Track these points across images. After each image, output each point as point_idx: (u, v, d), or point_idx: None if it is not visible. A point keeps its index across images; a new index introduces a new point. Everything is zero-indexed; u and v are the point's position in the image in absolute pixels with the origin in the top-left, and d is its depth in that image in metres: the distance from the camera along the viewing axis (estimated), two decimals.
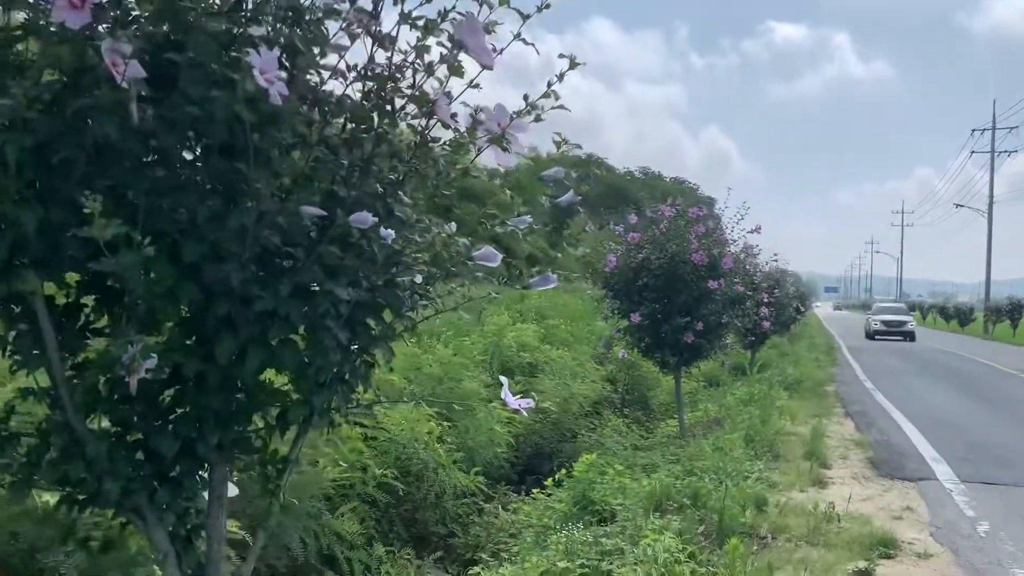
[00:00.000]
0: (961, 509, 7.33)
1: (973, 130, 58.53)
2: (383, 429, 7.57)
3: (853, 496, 7.46)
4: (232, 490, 2.51)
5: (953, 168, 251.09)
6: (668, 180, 62.39)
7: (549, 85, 2.43)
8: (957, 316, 59.75)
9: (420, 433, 7.62)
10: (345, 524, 6.30)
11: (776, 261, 10.87)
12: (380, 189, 2.32)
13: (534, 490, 8.43)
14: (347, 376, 2.39)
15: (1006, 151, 56.98)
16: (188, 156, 2.16)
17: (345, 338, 2.21)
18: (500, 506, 8.23)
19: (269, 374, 2.46)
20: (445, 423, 8.28)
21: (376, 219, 2.13)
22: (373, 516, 6.96)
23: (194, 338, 2.28)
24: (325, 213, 2.15)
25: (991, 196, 55.14)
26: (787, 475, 8.34)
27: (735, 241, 10.74)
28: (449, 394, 9.01)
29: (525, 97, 2.45)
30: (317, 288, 2.18)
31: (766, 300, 11.07)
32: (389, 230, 2.15)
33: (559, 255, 31.55)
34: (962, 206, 61.58)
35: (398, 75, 2.38)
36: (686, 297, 10.19)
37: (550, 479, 7.98)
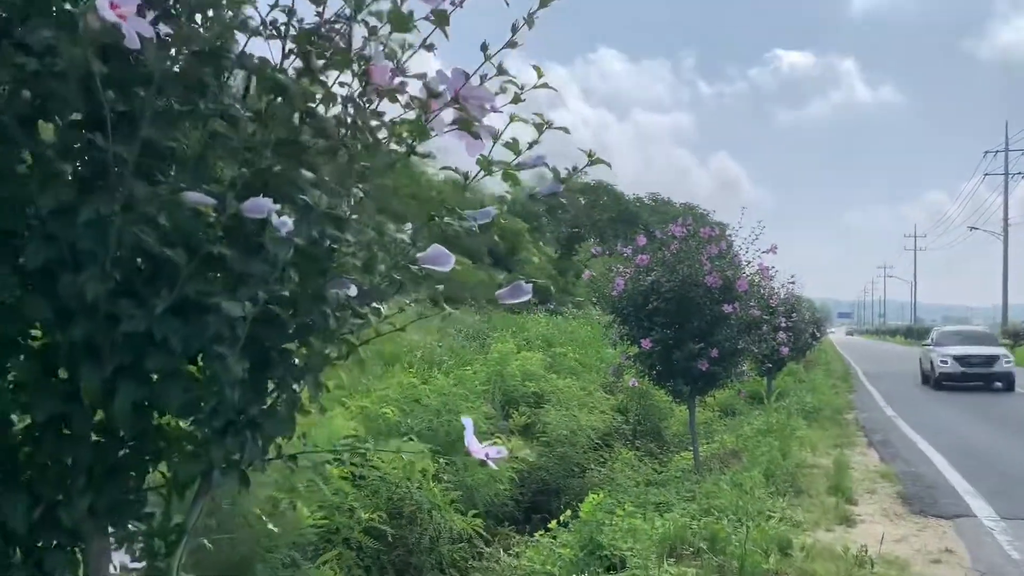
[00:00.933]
0: (1005, 550, 6.67)
1: (986, 152, 57.98)
2: (373, 467, 6.99)
3: (886, 536, 6.80)
4: (117, 566, 1.93)
5: (965, 192, 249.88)
6: (678, 205, 61.96)
7: (515, 31, 1.89)
8: None
9: (413, 472, 7.02)
10: (326, 574, 5.70)
11: (792, 283, 10.29)
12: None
13: (538, 532, 7.80)
14: (257, 419, 1.81)
15: (1020, 172, 56.23)
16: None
17: (242, 369, 1.64)
18: (501, 549, 7.60)
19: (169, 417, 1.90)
20: (442, 460, 7.68)
21: (277, 206, 1.57)
22: (361, 563, 6.35)
23: (50, 371, 1.72)
24: (215, 201, 1.60)
25: (1006, 218, 54.42)
26: (811, 512, 7.70)
27: (749, 263, 10.15)
28: (447, 428, 8.43)
29: (483, 49, 1.90)
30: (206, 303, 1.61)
31: (783, 324, 10.47)
32: (284, 218, 1.58)
33: (570, 282, 30.99)
34: (976, 228, 60.81)
35: (329, 33, 1.85)
36: (699, 322, 9.60)
37: (555, 521, 7.36)
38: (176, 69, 1.64)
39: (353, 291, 1.87)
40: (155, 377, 1.69)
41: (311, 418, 2.20)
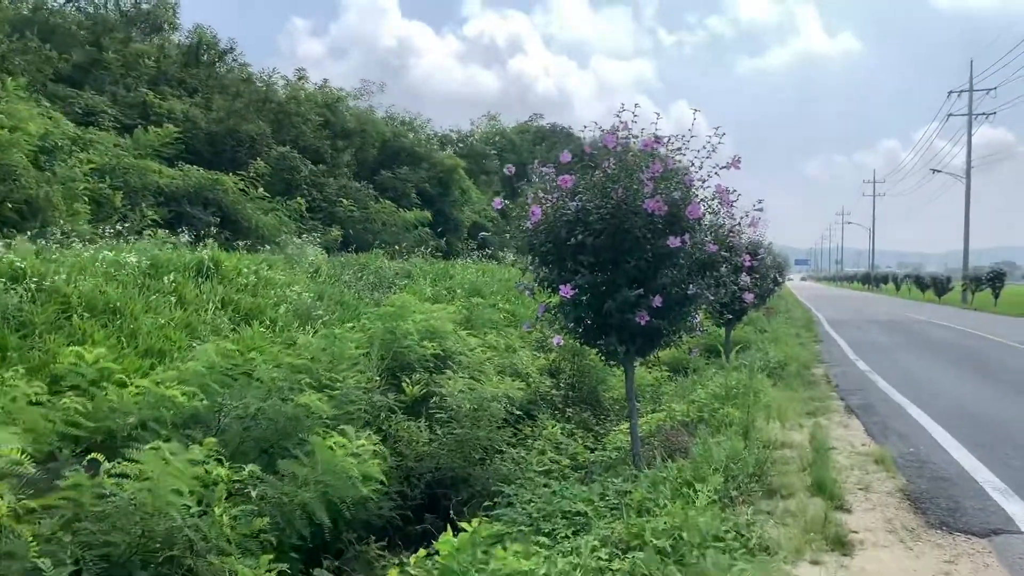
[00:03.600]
0: None
1: (950, 92, 55.71)
2: (119, 482, 4.45)
3: (903, 572, 4.43)
4: None
5: (924, 137, 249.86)
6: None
7: None
8: (934, 286, 57.24)
9: (185, 485, 4.48)
10: None
11: (760, 210, 7.83)
12: None
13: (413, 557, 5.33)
14: None
15: (984, 113, 54.24)
16: None
17: None
18: None
19: None
20: (252, 465, 5.14)
21: None
22: None
23: None
24: None
25: (968, 159, 52.49)
26: (789, 527, 5.32)
27: (704, 182, 7.58)
28: (275, 414, 5.88)
29: None
30: None
31: (748, 264, 8.00)
32: None
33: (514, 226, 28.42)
34: (939, 171, 58.91)
35: None
36: (637, 261, 7.15)
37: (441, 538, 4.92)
38: None
39: None
40: None
41: None
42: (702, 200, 7.55)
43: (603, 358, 8.25)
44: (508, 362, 10.53)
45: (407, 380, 8.59)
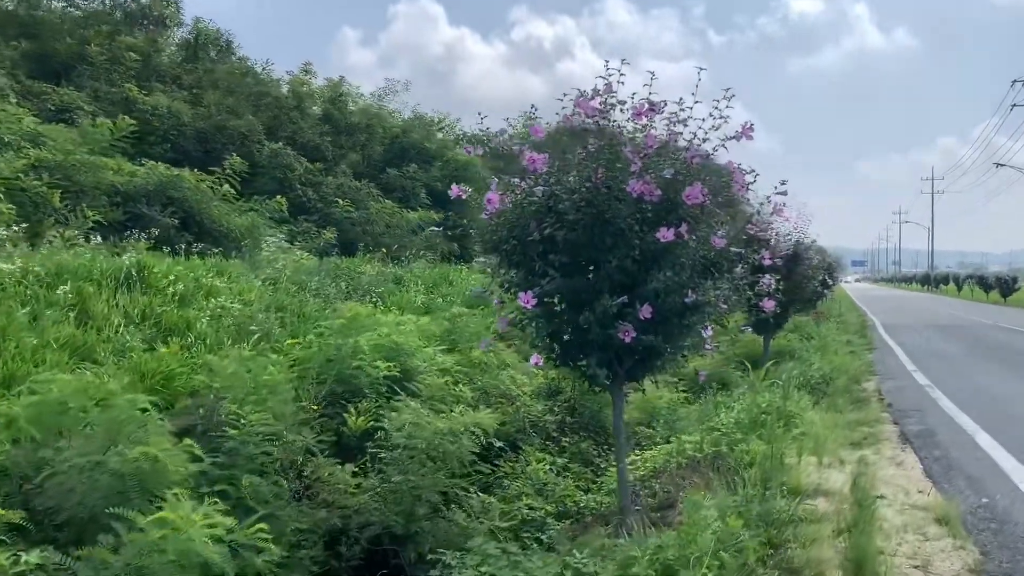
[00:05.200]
0: None
1: (1014, 81, 52.87)
2: None
3: None
4: None
5: (983, 133, 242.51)
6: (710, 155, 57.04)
7: None
8: (999, 286, 54.33)
9: None
10: None
11: (784, 194, 6.19)
12: None
13: None
14: None
15: None
16: None
17: None
18: None
19: None
20: (41, 552, 3.70)
21: None
22: None
23: None
24: None
25: None
26: None
27: (710, 155, 5.96)
28: (117, 469, 4.46)
29: None
30: None
31: (768, 261, 6.31)
32: None
33: None
34: (1003, 165, 56.06)
35: None
36: (621, 260, 5.65)
37: None
38: None
39: None
40: None
41: None
42: (706, 180, 5.97)
43: (586, 383, 6.73)
44: (492, 383, 9.02)
45: (353, 409, 7.14)
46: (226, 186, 14.74)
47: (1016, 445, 7.92)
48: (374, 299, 11.07)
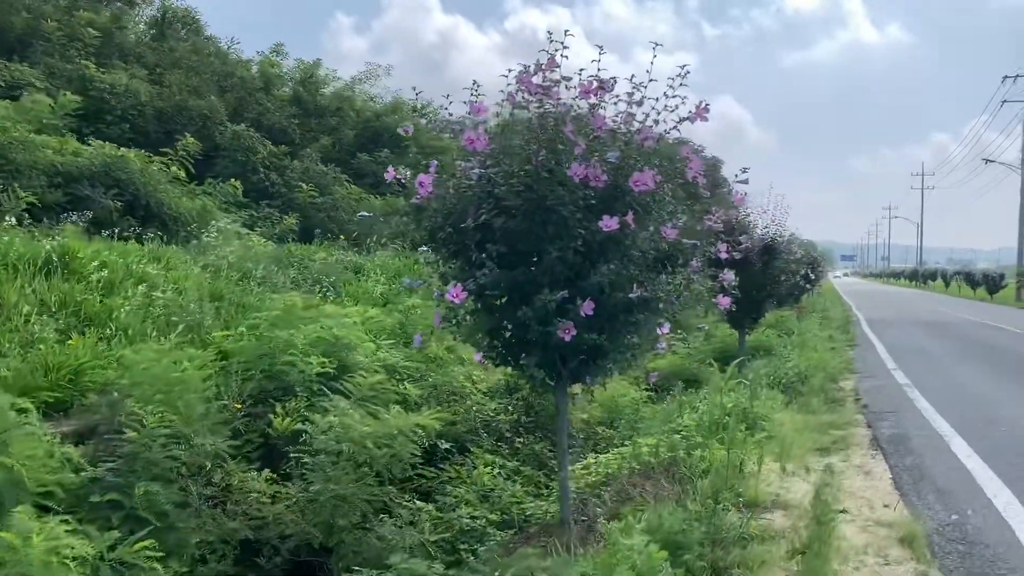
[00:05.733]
0: None
1: (1004, 77, 52.46)
2: None
3: None
4: None
5: (973, 130, 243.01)
6: (671, 142, 56.10)
7: None
8: (985, 283, 54.15)
9: None
10: None
11: (745, 182, 5.64)
12: None
13: None
14: None
15: None
16: None
17: None
18: None
19: None
20: None
21: None
22: None
23: None
24: None
25: None
26: None
27: (662, 137, 5.46)
28: None
29: None
30: None
31: (724, 254, 5.76)
32: None
33: None
34: (992, 161, 55.76)
35: None
36: (562, 251, 5.18)
37: None
38: None
39: None
40: None
41: None
42: (659, 165, 5.49)
43: (529, 383, 6.28)
44: (445, 380, 8.55)
45: (280, 409, 6.65)
46: (174, 167, 14.13)
47: (993, 453, 7.50)
48: (324, 289, 10.56)
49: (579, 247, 5.18)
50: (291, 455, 5.97)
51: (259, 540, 5.46)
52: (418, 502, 6.56)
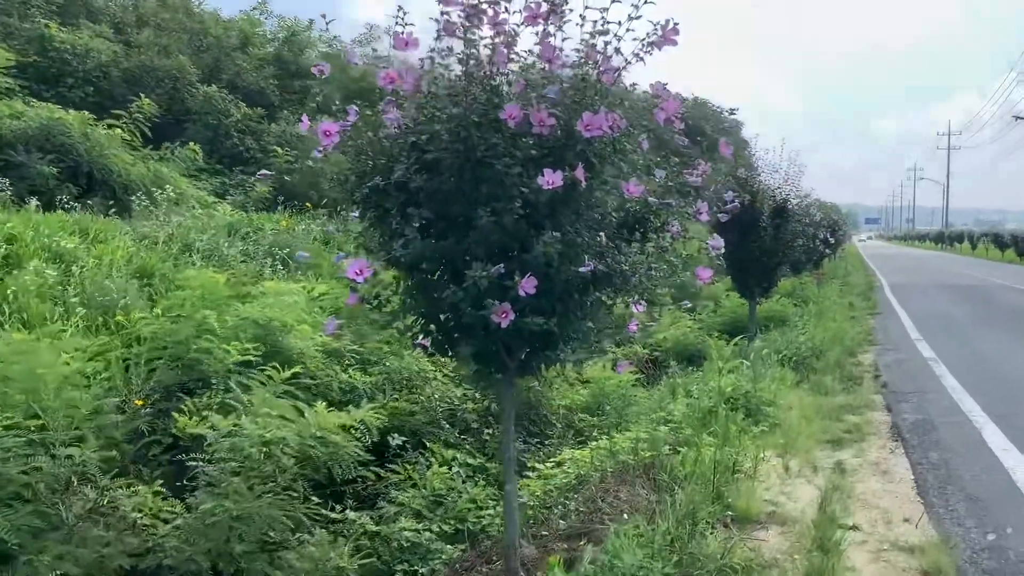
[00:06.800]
0: None
1: None
2: None
3: None
4: None
5: (1001, 87, 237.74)
6: (690, 100, 53.96)
7: None
8: (1014, 244, 52.62)
9: None
10: None
11: (734, 115, 4.72)
12: None
13: None
14: None
15: None
16: None
17: None
18: None
19: None
20: None
21: None
22: None
23: None
24: None
25: None
26: None
27: (624, 68, 4.40)
28: None
29: None
30: None
31: (704, 216, 4.71)
32: None
33: None
34: (1022, 118, 53.91)
35: None
36: (498, 215, 4.17)
37: None
38: None
39: None
40: None
41: None
42: (621, 104, 4.45)
43: (472, 375, 5.28)
44: (403, 365, 7.60)
45: (189, 405, 5.70)
46: (118, 130, 13.12)
47: None
48: (275, 262, 9.57)
49: (519, 209, 4.16)
50: (187, 464, 5.04)
51: (137, 570, 4.54)
52: (351, 513, 5.63)
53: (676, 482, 5.41)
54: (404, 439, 7.01)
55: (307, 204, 14.24)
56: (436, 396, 7.60)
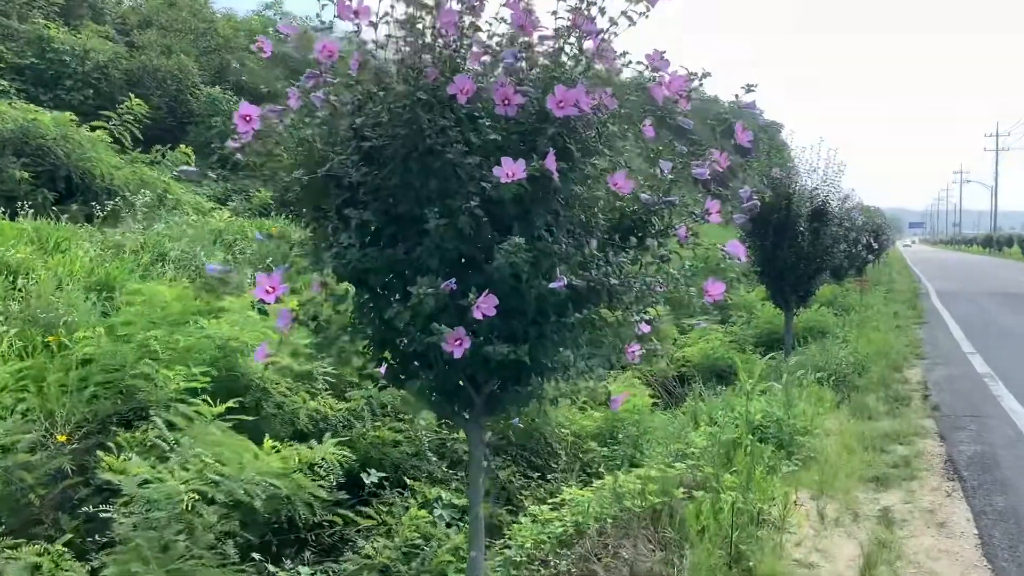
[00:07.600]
0: None
1: None
2: None
3: None
4: None
5: None
6: (725, 104, 51.48)
7: None
8: None
9: None
10: None
11: (752, 90, 3.86)
12: None
13: None
14: None
15: None
16: None
17: None
18: None
19: None
20: None
21: None
22: None
23: None
24: None
25: None
26: None
27: (604, 32, 3.56)
28: None
29: None
30: None
31: (715, 216, 3.86)
32: None
33: None
34: None
35: None
36: (449, 216, 3.35)
37: None
38: None
39: None
40: None
41: None
42: (609, 80, 3.62)
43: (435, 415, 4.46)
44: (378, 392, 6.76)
45: (120, 440, 4.92)
46: (99, 132, 12.47)
47: None
48: (254, 272, 8.82)
49: (477, 209, 3.31)
50: (101, 516, 4.27)
51: None
52: (303, 570, 4.80)
53: (684, 540, 4.52)
54: (383, 475, 6.19)
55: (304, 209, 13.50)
56: (423, 423, 6.76)
